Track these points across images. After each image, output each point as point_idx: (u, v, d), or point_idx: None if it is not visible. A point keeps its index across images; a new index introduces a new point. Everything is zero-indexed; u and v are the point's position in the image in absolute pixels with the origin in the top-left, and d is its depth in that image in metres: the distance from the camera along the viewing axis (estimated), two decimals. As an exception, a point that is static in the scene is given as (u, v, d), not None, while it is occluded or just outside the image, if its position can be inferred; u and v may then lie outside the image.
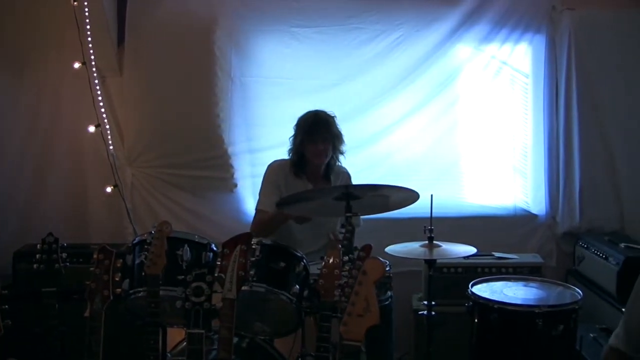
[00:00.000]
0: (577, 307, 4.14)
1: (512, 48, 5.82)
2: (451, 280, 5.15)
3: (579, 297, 4.21)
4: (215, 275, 3.05)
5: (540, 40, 5.81)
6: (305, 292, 3.89)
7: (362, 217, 4.75)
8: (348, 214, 3.85)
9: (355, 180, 5.02)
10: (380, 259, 2.56)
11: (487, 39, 5.76)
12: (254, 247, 3.81)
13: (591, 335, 4.53)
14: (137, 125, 5.75)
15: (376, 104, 5.74)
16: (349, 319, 2.43)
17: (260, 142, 5.75)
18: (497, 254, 5.38)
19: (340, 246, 3.43)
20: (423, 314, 4.63)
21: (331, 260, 3.29)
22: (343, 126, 4.93)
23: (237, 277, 3.06)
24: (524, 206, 5.95)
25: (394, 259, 4.45)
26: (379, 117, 5.76)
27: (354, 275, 2.86)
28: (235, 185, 5.75)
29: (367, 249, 3.17)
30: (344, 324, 2.44)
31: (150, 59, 5.65)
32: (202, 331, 2.96)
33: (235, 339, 3.91)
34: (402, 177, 5.42)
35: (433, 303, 4.52)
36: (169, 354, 4.00)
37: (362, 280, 2.44)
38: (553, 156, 5.86)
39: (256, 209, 4.86)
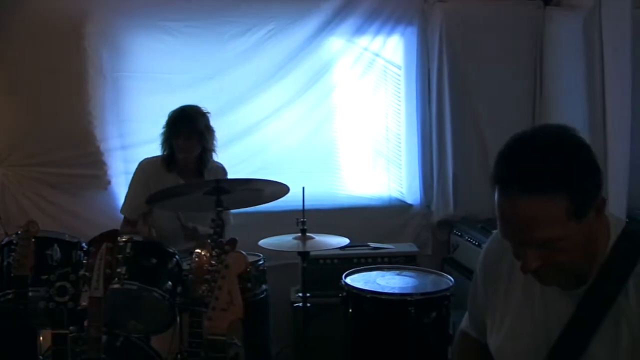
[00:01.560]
0: (449, 294, 4.23)
1: (385, 40, 5.87)
2: (327, 271, 5.13)
3: (451, 284, 4.30)
4: (80, 274, 3.01)
5: (412, 33, 5.87)
6: (179, 288, 3.89)
7: (236, 210, 4.77)
8: (218, 209, 3.84)
9: (231, 175, 5.03)
10: (243, 252, 2.56)
11: (359, 31, 5.79)
12: (124, 244, 3.80)
13: (464, 321, 4.63)
14: (6, 123, 5.58)
15: (250, 97, 5.71)
16: (213, 313, 2.45)
17: (133, 138, 5.66)
18: (372, 244, 5.41)
19: (209, 241, 3.45)
20: (298, 306, 4.66)
21: (200, 255, 3.30)
22: (217, 120, 4.95)
23: (104, 275, 3.03)
24: (399, 196, 6.03)
25: (269, 252, 4.49)
26: (253, 110, 5.74)
27: (218, 269, 2.87)
28: (109, 182, 5.65)
29: (232, 242, 3.19)
30: (208, 318, 2.45)
31: (18, 56, 5.48)
32: (67, 331, 2.92)
33: (109, 338, 3.88)
34: (277, 170, 5.43)
35: (308, 295, 4.56)
36: (40, 357, 3.93)
37: (225, 274, 2.45)
38: (426, 146, 5.94)
39: (121, 212, 4.97)
